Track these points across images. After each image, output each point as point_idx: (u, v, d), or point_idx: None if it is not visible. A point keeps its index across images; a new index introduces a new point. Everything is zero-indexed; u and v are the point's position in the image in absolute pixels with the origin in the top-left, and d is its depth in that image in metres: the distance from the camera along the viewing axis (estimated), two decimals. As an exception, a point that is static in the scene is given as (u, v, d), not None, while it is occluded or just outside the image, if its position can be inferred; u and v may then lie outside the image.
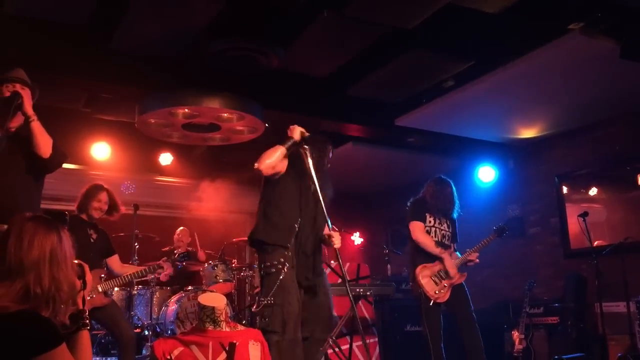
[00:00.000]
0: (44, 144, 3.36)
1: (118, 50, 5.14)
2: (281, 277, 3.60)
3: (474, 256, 5.10)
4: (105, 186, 4.88)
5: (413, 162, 7.92)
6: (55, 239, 1.93)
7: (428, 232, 5.10)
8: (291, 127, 3.81)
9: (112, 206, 4.84)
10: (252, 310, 3.81)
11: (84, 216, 4.77)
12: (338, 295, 6.11)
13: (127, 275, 4.88)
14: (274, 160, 3.68)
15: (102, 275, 4.67)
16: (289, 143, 3.74)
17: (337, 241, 3.76)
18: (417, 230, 5.08)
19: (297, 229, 3.78)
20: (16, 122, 3.45)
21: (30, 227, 1.91)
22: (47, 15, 4.81)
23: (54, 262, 1.89)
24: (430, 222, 5.14)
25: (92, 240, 4.72)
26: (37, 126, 3.33)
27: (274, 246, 3.71)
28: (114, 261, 4.89)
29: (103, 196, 4.79)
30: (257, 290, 4.99)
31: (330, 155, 4.24)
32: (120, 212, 4.93)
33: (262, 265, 3.71)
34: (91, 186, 4.85)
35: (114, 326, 4.61)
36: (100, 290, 4.52)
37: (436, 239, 5.12)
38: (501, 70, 5.41)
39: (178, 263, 5.88)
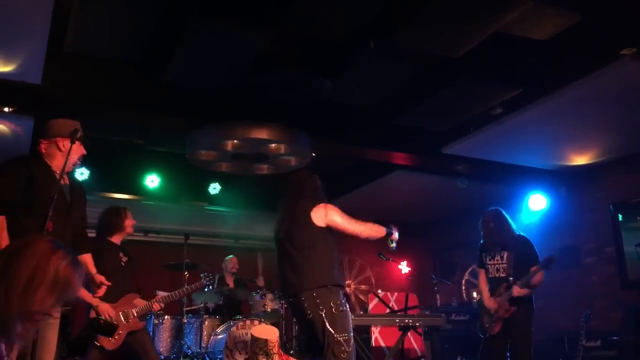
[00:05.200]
0: None
1: (170, 84, 5.31)
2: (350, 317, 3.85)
3: (517, 291, 4.93)
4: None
5: (461, 190, 7.82)
6: None
7: (487, 271, 5.23)
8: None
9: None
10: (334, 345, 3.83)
11: (113, 239, 4.82)
12: (386, 325, 6.07)
13: (156, 301, 4.94)
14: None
15: (136, 299, 4.73)
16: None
17: None
18: (479, 276, 5.38)
19: None
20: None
21: None
22: (104, 53, 5.04)
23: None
24: (486, 261, 5.26)
25: (122, 264, 4.77)
26: None
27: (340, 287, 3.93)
28: None
29: (130, 214, 4.92)
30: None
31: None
32: None
33: (334, 304, 3.79)
34: (114, 208, 4.97)
35: (142, 353, 4.66)
36: (135, 314, 4.61)
37: (491, 275, 5.19)
38: (551, 97, 5.32)
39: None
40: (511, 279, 5.02)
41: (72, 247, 3.54)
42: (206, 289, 6.23)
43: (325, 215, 3.95)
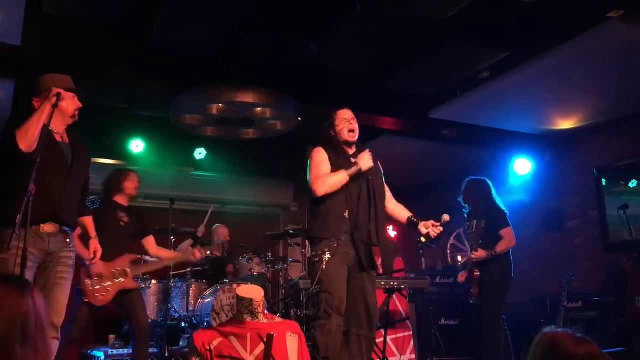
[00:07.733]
0: None
1: (154, 47, 5.22)
2: (323, 266, 3.70)
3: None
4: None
5: (447, 154, 7.84)
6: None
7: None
8: (361, 155, 3.92)
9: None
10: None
11: (117, 199, 4.86)
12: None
13: (157, 261, 5.04)
14: (335, 188, 3.85)
15: (134, 259, 4.79)
16: (354, 171, 3.87)
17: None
18: None
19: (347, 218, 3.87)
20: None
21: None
22: (85, 14, 4.91)
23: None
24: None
25: (122, 224, 4.80)
26: None
27: (320, 239, 3.84)
28: (149, 242, 5.00)
29: (135, 176, 4.96)
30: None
31: None
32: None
33: (309, 257, 3.92)
34: (118, 169, 5.09)
35: (132, 314, 4.73)
36: (129, 274, 4.62)
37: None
38: (537, 60, 5.31)
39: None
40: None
41: (76, 210, 3.48)
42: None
43: None
